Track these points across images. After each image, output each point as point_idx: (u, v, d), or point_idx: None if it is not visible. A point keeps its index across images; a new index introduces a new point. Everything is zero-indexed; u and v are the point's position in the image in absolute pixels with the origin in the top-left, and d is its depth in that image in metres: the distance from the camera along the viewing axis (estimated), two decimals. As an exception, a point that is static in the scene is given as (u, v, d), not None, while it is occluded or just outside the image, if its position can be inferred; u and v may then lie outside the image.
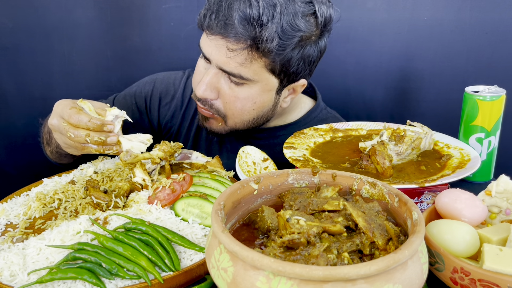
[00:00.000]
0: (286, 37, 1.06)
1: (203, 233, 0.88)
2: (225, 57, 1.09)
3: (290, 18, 1.05)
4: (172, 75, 1.46)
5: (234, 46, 1.06)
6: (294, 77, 1.18)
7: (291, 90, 1.25)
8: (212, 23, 1.07)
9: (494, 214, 0.83)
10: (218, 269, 0.61)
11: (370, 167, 1.02)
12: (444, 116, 1.66)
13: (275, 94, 1.20)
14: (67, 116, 1.01)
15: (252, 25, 1.03)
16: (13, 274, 0.78)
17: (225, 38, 1.07)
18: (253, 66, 1.10)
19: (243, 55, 1.07)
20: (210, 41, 1.10)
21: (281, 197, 0.79)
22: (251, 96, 1.16)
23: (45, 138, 1.30)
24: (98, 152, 1.05)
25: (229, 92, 1.15)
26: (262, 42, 1.04)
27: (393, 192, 0.73)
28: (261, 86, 1.15)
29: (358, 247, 0.64)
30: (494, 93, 1.12)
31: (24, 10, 1.80)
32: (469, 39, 1.68)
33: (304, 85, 1.24)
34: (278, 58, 1.09)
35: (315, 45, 1.14)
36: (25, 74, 1.88)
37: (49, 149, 1.30)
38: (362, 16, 1.72)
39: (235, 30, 1.04)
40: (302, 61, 1.13)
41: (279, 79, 1.16)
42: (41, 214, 0.99)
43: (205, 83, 1.14)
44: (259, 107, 1.20)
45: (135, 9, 1.80)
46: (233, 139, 1.40)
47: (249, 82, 1.13)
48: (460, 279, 0.68)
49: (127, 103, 1.42)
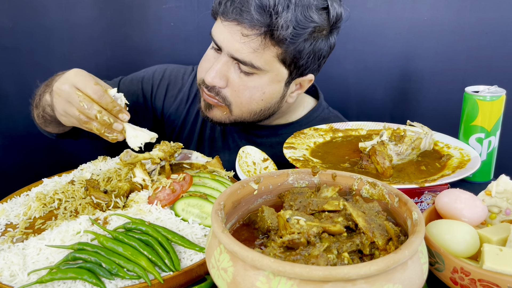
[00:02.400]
0: (300, 27, 1.08)
1: (203, 233, 0.88)
2: (238, 43, 1.09)
3: (304, 9, 1.07)
4: (182, 69, 1.48)
5: (249, 32, 1.08)
6: (303, 71, 1.19)
7: (298, 85, 1.26)
8: (228, 9, 1.09)
9: (494, 214, 0.83)
10: (218, 269, 0.61)
11: (370, 167, 1.02)
12: (444, 116, 1.66)
13: (284, 86, 1.21)
14: (90, 89, 1.03)
15: (268, 12, 1.05)
16: (13, 274, 0.78)
17: (240, 24, 1.08)
18: (265, 55, 1.11)
19: (257, 41, 1.08)
20: (224, 27, 1.11)
21: (281, 197, 0.79)
22: (261, 85, 1.17)
23: (35, 100, 1.30)
24: (98, 132, 1.06)
25: (239, 81, 1.16)
26: (277, 29, 1.06)
27: (393, 192, 0.73)
28: (271, 77, 1.16)
29: (358, 247, 0.64)
30: (494, 93, 1.12)
31: (24, 10, 1.80)
32: (469, 39, 1.68)
33: (311, 81, 1.25)
34: (291, 47, 1.10)
35: (326, 40, 1.16)
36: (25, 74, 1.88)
37: (36, 112, 1.30)
38: (362, 16, 1.72)
39: (251, 16, 1.06)
40: (313, 54, 1.15)
41: (289, 70, 1.17)
42: (41, 214, 0.99)
43: (215, 70, 1.15)
44: (268, 97, 1.20)
45: (135, 9, 1.80)
46: (236, 136, 1.40)
47: (259, 72, 1.14)
48: (460, 279, 0.68)
49: (133, 87, 1.43)
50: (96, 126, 1.05)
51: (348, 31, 1.72)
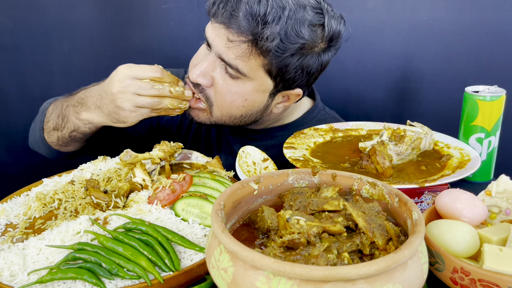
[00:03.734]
0: (288, 41, 1.05)
1: (203, 233, 0.88)
2: (224, 47, 1.09)
3: (296, 23, 1.05)
4: (174, 73, 1.45)
5: (235, 38, 1.07)
6: (290, 84, 1.16)
7: (286, 98, 1.24)
8: (219, 12, 1.08)
9: (494, 214, 0.83)
10: (218, 269, 0.61)
11: (370, 167, 1.02)
12: (444, 116, 1.66)
13: (268, 96, 1.19)
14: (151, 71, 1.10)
15: (255, 20, 1.03)
16: (13, 274, 0.78)
17: (228, 28, 1.07)
18: (250, 62, 1.10)
19: (241, 49, 1.07)
20: (213, 28, 1.11)
21: (281, 197, 0.79)
22: (243, 92, 1.15)
23: (54, 122, 1.27)
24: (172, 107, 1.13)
25: (222, 83, 1.14)
26: (262, 40, 1.04)
27: (393, 192, 0.73)
28: (255, 85, 1.15)
29: (358, 247, 0.64)
30: (494, 93, 1.12)
31: (24, 10, 1.80)
32: (469, 39, 1.68)
33: (299, 95, 1.22)
34: (276, 60, 1.08)
35: (317, 57, 1.13)
36: (25, 74, 1.88)
37: (58, 135, 1.27)
38: (362, 16, 1.72)
39: (238, 23, 1.04)
40: (301, 70, 1.12)
41: (274, 82, 1.15)
42: (41, 214, 0.99)
43: (201, 68, 1.14)
44: (249, 105, 1.18)
45: (135, 9, 1.80)
46: (231, 140, 1.40)
47: (244, 78, 1.13)
48: (460, 279, 0.68)
49: None
50: (171, 102, 1.12)
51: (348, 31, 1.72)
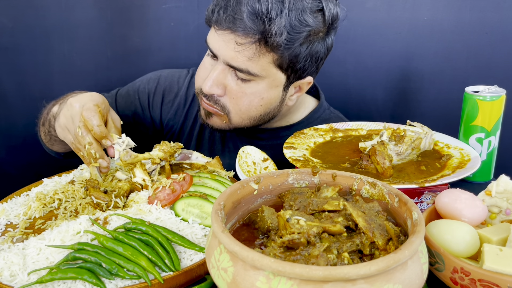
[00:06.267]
0: (295, 31, 1.07)
1: (203, 233, 0.88)
2: (233, 52, 1.09)
3: (298, 13, 1.06)
4: (177, 73, 1.46)
5: (243, 40, 1.07)
6: (301, 74, 1.18)
7: (297, 88, 1.25)
8: (221, 18, 1.08)
9: (494, 214, 0.83)
10: (218, 269, 0.61)
11: (370, 167, 1.01)
12: (444, 116, 1.66)
13: (282, 90, 1.20)
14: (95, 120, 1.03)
15: (261, 19, 1.04)
16: (13, 274, 0.78)
17: (234, 32, 1.07)
18: (261, 61, 1.10)
19: (251, 49, 1.08)
20: (218, 36, 1.10)
21: (281, 197, 0.79)
22: (259, 91, 1.16)
23: (43, 117, 1.31)
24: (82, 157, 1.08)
25: (236, 88, 1.15)
26: (271, 36, 1.05)
27: (393, 192, 0.73)
28: (268, 82, 1.16)
29: (358, 247, 0.64)
30: (494, 93, 1.12)
31: (24, 10, 1.80)
32: (469, 39, 1.68)
33: (310, 83, 1.24)
34: (287, 52, 1.09)
35: (323, 42, 1.15)
36: (25, 74, 1.88)
37: (43, 130, 1.31)
38: (362, 16, 1.72)
39: (244, 25, 1.05)
40: (310, 57, 1.14)
41: (286, 75, 1.16)
42: (41, 214, 0.99)
43: (212, 79, 1.14)
44: (267, 103, 1.20)
45: (135, 9, 1.80)
46: (236, 139, 1.40)
47: (256, 78, 1.13)
48: (460, 279, 0.68)
49: (130, 98, 1.42)
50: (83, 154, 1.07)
51: (348, 31, 1.72)
